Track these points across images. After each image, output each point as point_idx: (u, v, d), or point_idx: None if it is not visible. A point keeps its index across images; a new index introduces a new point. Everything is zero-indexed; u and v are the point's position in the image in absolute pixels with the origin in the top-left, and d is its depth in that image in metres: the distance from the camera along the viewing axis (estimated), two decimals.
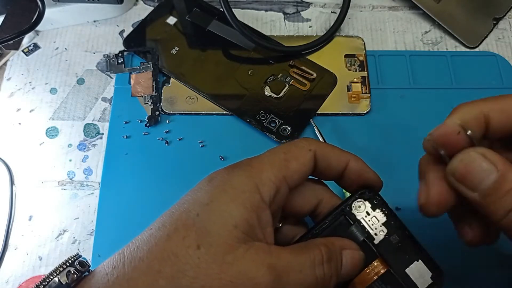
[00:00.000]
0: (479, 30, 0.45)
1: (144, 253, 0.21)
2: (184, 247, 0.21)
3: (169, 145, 0.40)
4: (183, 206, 0.22)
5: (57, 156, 0.40)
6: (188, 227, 0.21)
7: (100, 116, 0.42)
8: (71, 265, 0.23)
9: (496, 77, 0.43)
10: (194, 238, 0.21)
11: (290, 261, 0.22)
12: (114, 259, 0.22)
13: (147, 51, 0.44)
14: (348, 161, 0.26)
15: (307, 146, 0.25)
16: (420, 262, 0.27)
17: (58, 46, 0.46)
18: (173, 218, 0.22)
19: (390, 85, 0.43)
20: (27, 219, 0.38)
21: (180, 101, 0.42)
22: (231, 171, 0.23)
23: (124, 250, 0.22)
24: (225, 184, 0.23)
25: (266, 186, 0.23)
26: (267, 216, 0.23)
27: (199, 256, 0.20)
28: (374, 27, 0.46)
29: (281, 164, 0.24)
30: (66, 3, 0.44)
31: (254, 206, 0.22)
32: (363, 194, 0.27)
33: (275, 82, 0.42)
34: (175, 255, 0.20)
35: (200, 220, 0.21)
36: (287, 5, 0.48)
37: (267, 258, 0.21)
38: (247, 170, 0.23)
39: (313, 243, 0.24)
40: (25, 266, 0.36)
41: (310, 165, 0.25)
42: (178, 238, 0.21)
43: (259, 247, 0.22)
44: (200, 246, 0.21)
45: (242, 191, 0.22)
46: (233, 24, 0.42)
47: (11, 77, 0.44)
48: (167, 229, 0.22)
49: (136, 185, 0.38)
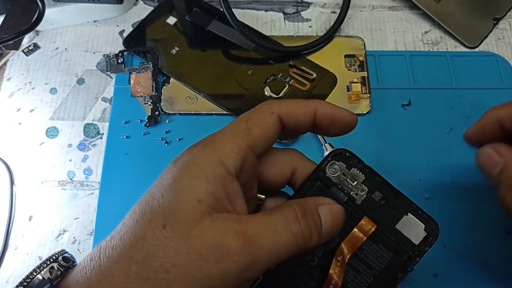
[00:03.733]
0: (479, 30, 0.45)
1: (116, 242, 0.21)
2: (151, 229, 0.20)
3: (169, 145, 0.40)
4: (150, 191, 0.22)
5: (57, 156, 0.40)
6: (153, 209, 0.21)
7: (100, 116, 0.42)
8: (54, 261, 0.23)
9: (496, 77, 0.43)
10: (160, 219, 0.21)
11: (261, 223, 0.21)
12: (92, 252, 0.22)
13: (147, 51, 0.44)
14: (314, 109, 0.25)
15: (268, 109, 0.24)
16: (410, 215, 0.26)
17: (58, 46, 0.46)
18: (141, 204, 0.22)
19: (390, 85, 0.43)
20: (27, 219, 0.38)
21: (180, 101, 0.42)
22: (193, 148, 0.23)
23: (102, 242, 0.22)
24: (188, 162, 0.22)
25: (230, 158, 0.22)
26: (236, 187, 0.22)
27: (166, 235, 0.20)
28: (374, 27, 0.46)
29: (244, 133, 0.23)
30: (66, 3, 0.44)
31: (219, 179, 0.22)
32: (336, 155, 0.26)
33: (275, 82, 0.42)
34: (143, 239, 0.20)
35: (164, 200, 0.21)
36: (287, 5, 0.48)
37: (234, 225, 0.21)
38: (209, 145, 0.23)
39: (285, 204, 0.23)
40: (25, 266, 0.36)
41: (275, 129, 0.24)
42: (145, 221, 0.21)
43: (226, 217, 0.21)
44: (165, 225, 0.20)
45: (204, 165, 0.22)
46: (233, 24, 0.42)
47: (11, 77, 0.44)
48: (136, 215, 0.22)
49: (136, 185, 0.38)
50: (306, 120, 0.25)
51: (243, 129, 0.23)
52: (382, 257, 0.26)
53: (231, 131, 0.24)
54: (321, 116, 0.25)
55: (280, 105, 0.25)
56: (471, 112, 0.41)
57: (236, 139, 0.23)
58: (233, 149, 0.23)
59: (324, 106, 0.25)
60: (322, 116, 0.25)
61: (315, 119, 0.25)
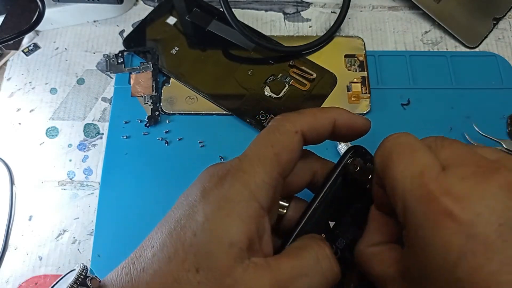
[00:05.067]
0: (479, 30, 0.45)
1: (150, 277, 0.21)
2: (185, 271, 0.20)
3: (169, 145, 0.40)
4: (180, 223, 0.22)
5: (57, 156, 0.40)
6: (186, 249, 0.21)
7: (100, 116, 0.42)
8: (81, 283, 0.22)
9: (496, 77, 0.43)
10: (192, 261, 0.20)
11: (292, 268, 0.21)
12: (122, 279, 0.22)
13: (147, 51, 0.44)
14: (334, 120, 0.25)
15: (291, 128, 0.24)
16: None
17: (58, 46, 0.46)
18: (172, 237, 0.22)
19: (390, 85, 0.43)
20: (27, 219, 0.38)
21: (180, 101, 0.42)
22: (223, 181, 0.22)
23: (131, 270, 0.22)
24: (220, 198, 0.22)
25: (262, 191, 0.22)
26: (265, 223, 0.22)
27: (199, 280, 0.20)
28: (374, 27, 0.46)
29: (273, 160, 0.23)
30: (66, 3, 0.44)
31: (252, 217, 0.21)
32: (356, 152, 0.27)
33: (275, 82, 0.42)
34: (177, 281, 0.20)
35: (197, 241, 0.21)
36: (287, 5, 0.48)
37: (267, 274, 0.21)
38: (239, 176, 0.22)
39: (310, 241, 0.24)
40: (25, 266, 0.36)
41: (300, 147, 0.24)
42: (178, 261, 0.21)
43: (257, 264, 0.21)
44: (199, 269, 0.20)
45: (237, 202, 0.21)
46: (233, 24, 0.42)
47: (11, 77, 0.44)
48: (168, 249, 0.21)
49: (136, 185, 0.38)
50: (327, 132, 0.25)
51: (271, 155, 0.23)
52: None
53: (259, 158, 0.23)
54: (339, 126, 0.25)
55: (301, 121, 0.24)
56: (471, 112, 0.41)
57: (265, 168, 0.22)
58: (263, 179, 0.22)
59: (343, 116, 0.25)
60: (341, 126, 0.25)
61: (333, 128, 0.25)
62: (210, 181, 0.23)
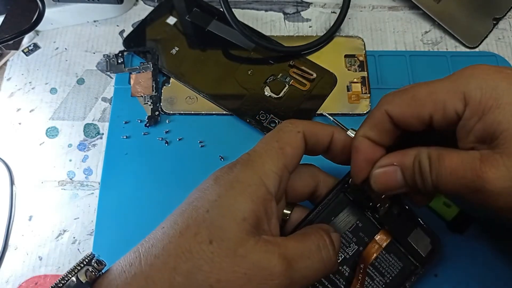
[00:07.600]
0: (479, 30, 0.45)
1: (159, 251, 0.22)
2: (197, 243, 0.21)
3: (169, 145, 0.40)
4: (192, 204, 0.23)
5: (57, 156, 0.40)
6: (199, 223, 0.22)
7: (100, 116, 0.42)
8: (88, 263, 0.23)
9: None
10: (206, 234, 0.21)
11: (297, 248, 0.23)
12: (130, 256, 0.23)
13: (147, 51, 0.44)
14: (332, 133, 0.27)
15: (294, 128, 0.26)
16: (418, 229, 0.28)
17: (58, 46, 0.46)
18: (184, 216, 0.23)
19: (390, 85, 0.43)
20: (27, 219, 0.38)
21: (180, 101, 0.42)
22: (234, 168, 0.24)
23: (139, 248, 0.23)
24: (231, 180, 0.23)
25: (270, 178, 0.24)
26: (273, 207, 0.24)
27: (212, 250, 0.21)
28: (374, 27, 0.46)
29: (278, 153, 0.25)
30: (66, 3, 0.44)
31: (260, 199, 0.23)
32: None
33: (275, 82, 0.42)
34: (189, 251, 0.21)
35: (210, 216, 0.22)
36: (287, 5, 0.48)
37: (276, 249, 0.22)
38: (249, 164, 0.24)
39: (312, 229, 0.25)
40: (25, 266, 0.36)
41: (302, 146, 0.26)
42: (190, 234, 0.22)
43: (267, 239, 0.23)
44: (212, 241, 0.21)
45: (248, 184, 0.23)
46: (233, 24, 0.42)
47: (11, 77, 0.44)
48: (179, 226, 0.22)
49: (136, 185, 0.38)
50: (325, 141, 0.27)
51: (276, 149, 0.25)
52: (393, 266, 0.28)
53: (266, 151, 0.25)
54: (336, 141, 0.27)
55: (303, 124, 0.27)
56: None
57: (273, 159, 0.24)
58: (271, 169, 0.24)
59: (341, 133, 0.27)
60: (337, 141, 0.27)
61: (331, 142, 0.27)
62: (221, 170, 0.25)
